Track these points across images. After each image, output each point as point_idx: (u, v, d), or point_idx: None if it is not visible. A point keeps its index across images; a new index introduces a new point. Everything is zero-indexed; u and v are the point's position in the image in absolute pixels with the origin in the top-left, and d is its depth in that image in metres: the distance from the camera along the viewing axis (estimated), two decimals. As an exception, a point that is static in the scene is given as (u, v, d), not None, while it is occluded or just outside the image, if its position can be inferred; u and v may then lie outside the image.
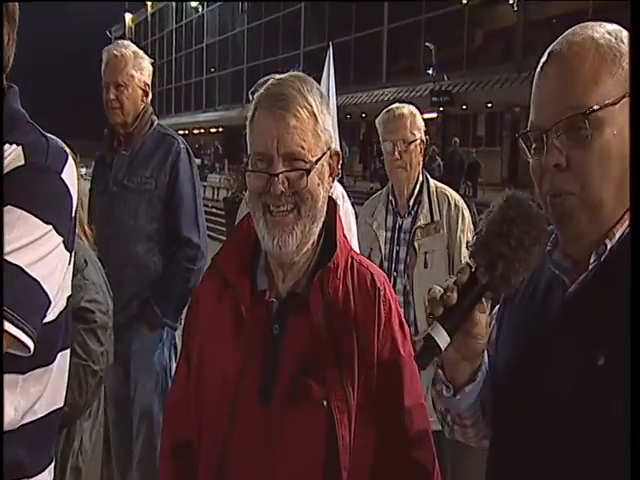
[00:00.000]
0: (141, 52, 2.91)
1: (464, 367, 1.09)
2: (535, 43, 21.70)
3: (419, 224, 2.85)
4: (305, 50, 34.58)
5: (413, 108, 2.96)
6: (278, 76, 1.33)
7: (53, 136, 1.22)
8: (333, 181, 1.36)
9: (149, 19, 58.92)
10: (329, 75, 6.51)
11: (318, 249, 1.35)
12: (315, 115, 1.27)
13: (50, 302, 1.10)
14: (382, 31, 29.55)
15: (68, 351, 1.26)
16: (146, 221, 2.80)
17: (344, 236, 1.38)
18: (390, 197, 2.97)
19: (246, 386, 1.28)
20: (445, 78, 24.91)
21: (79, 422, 2.02)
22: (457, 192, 3.04)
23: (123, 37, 53.27)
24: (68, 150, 1.21)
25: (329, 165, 1.33)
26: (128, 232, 2.79)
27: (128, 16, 60.85)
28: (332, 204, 1.38)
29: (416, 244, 2.83)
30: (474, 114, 25.94)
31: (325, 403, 1.25)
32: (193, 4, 49.14)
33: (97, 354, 1.93)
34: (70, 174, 1.17)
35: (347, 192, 3.05)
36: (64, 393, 1.26)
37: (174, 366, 2.85)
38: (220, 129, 42.09)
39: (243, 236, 1.39)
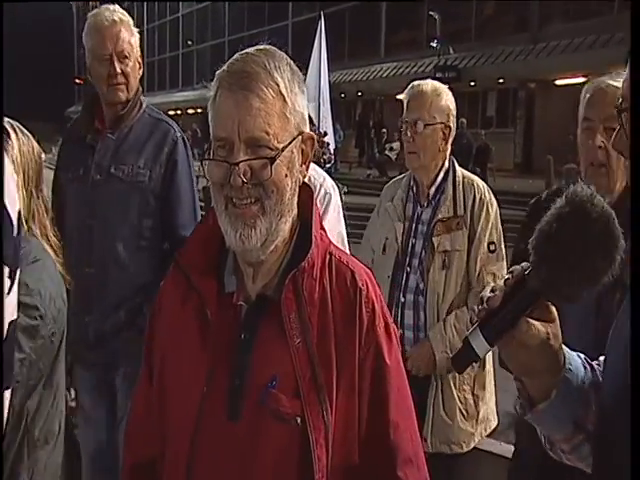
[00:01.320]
0: (129, 20, 2.81)
1: (534, 382, 1.08)
2: (553, 11, 21.73)
3: (440, 216, 2.76)
4: (294, 21, 34.48)
5: (441, 86, 2.89)
6: (244, 51, 1.29)
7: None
8: (307, 169, 1.34)
9: (117, -14, 58.54)
10: (320, 49, 6.49)
11: (292, 245, 1.34)
12: (283, 95, 1.24)
13: None
14: (380, -1, 29.47)
15: (7, 393, 1.13)
16: (137, 217, 2.70)
17: (322, 229, 1.37)
18: (412, 183, 2.92)
19: (212, 399, 1.28)
20: (451, 51, 24.89)
21: (26, 450, 1.97)
22: None
23: (86, 6, 52.83)
24: None
25: (301, 151, 1.30)
26: (115, 228, 2.69)
27: (93, -17, 60.47)
28: (307, 193, 1.36)
29: (434, 240, 2.75)
30: (484, 91, 25.94)
31: (299, 420, 1.24)
32: (167, -31, 48.89)
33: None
34: None
35: (342, 180, 3.04)
36: None
37: None
38: (199, 110, 41.92)
39: (208, 232, 1.37)
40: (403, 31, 29.27)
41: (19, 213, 1.74)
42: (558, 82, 21.58)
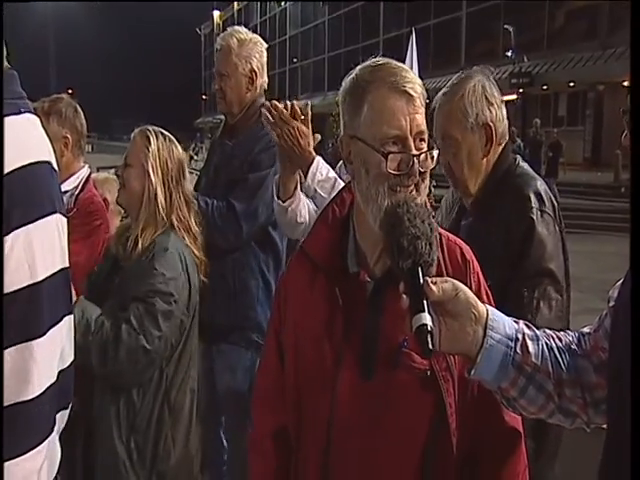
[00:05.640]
0: (251, 37, 2.75)
1: (468, 340, 1.08)
2: (622, 19, 20.45)
3: None
4: (384, 38, 34.08)
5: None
6: (379, 59, 1.31)
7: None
8: None
9: (235, 15, 59.81)
10: (412, 60, 6.36)
11: None
12: (424, 97, 1.28)
13: None
14: (461, 16, 28.68)
15: (39, 341, 1.03)
16: None
17: None
18: None
19: (346, 362, 1.28)
20: (525, 59, 23.93)
21: (167, 410, 2.00)
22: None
23: (212, 34, 54.36)
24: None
25: None
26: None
27: (216, 13, 62.07)
28: None
29: None
30: (555, 94, 24.83)
31: (429, 372, 1.25)
32: (276, -2, 49.49)
33: (153, 336, 1.91)
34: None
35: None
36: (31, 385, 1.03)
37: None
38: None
39: (330, 221, 1.39)
40: (481, 43, 28.35)
41: None
42: (626, 83, 20.32)
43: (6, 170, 0.98)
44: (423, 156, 1.25)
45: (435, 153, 1.27)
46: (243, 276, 2.68)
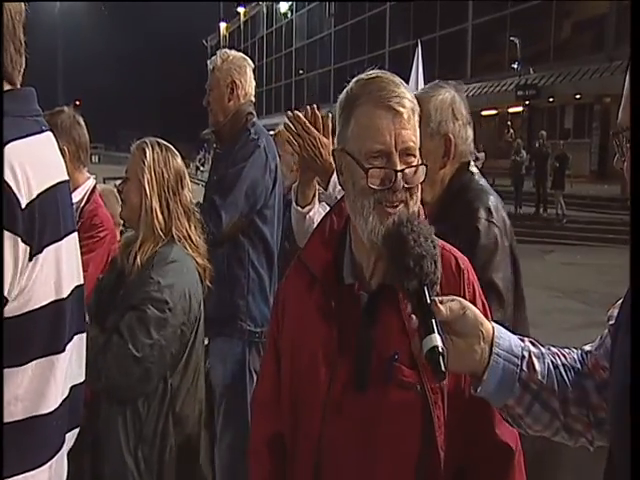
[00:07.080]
0: (233, 56, 2.94)
1: (475, 359, 1.09)
2: (628, 31, 20.49)
3: None
4: (390, 49, 34.25)
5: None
6: (373, 72, 1.31)
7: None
8: None
9: (241, 27, 60.26)
10: (417, 72, 6.38)
11: None
12: (415, 110, 1.27)
13: None
14: (467, 27, 28.79)
15: (59, 356, 1.03)
16: None
17: None
18: None
19: (339, 373, 1.29)
20: (531, 71, 23.98)
21: (171, 423, 1.99)
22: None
23: (218, 45, 54.80)
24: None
25: None
26: None
27: (222, 25, 62.58)
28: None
29: None
30: (561, 106, 24.85)
31: (419, 387, 1.25)
32: (282, 10, 49.83)
33: (143, 344, 1.89)
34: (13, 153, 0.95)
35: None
36: (52, 398, 1.03)
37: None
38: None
39: (327, 232, 1.40)
40: (487, 55, 28.45)
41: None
42: (632, 96, 20.26)
43: (39, 190, 1.00)
44: (411, 171, 1.24)
45: (422, 169, 1.25)
46: (233, 269, 2.80)
